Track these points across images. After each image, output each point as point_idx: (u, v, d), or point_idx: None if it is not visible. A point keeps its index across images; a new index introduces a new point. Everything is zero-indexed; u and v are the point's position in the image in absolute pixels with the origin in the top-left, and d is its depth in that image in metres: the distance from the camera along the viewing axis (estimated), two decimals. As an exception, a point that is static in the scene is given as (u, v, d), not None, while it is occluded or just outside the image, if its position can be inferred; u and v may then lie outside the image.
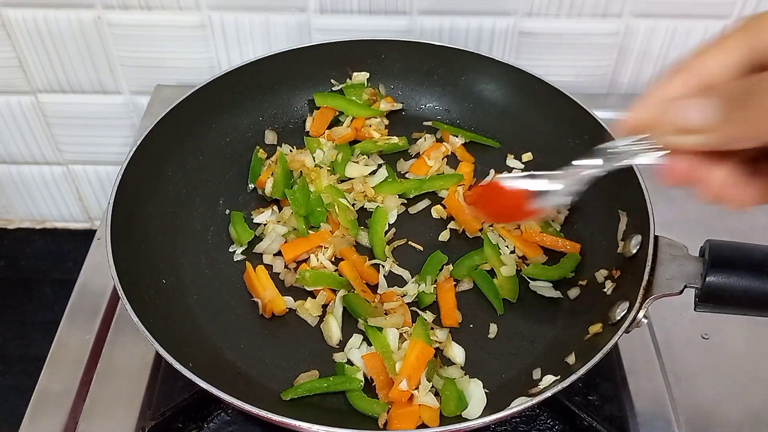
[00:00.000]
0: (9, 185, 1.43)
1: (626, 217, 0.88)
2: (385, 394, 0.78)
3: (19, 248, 1.48)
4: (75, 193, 1.45)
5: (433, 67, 1.09)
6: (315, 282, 0.88)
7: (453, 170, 1.03)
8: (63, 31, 1.18)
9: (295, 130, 1.08)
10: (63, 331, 0.91)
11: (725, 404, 0.86)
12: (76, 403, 0.84)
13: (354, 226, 0.94)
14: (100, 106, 1.29)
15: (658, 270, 0.76)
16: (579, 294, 0.88)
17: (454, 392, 0.77)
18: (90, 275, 0.98)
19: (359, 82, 1.09)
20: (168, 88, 1.23)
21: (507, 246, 0.93)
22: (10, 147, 1.36)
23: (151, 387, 0.86)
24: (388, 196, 0.98)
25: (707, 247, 0.73)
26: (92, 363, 0.88)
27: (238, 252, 0.93)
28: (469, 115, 1.09)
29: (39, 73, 1.24)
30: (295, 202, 0.95)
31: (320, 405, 0.78)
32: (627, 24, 1.17)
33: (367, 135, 1.06)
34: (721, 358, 0.90)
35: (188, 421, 0.83)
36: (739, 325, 0.92)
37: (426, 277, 0.89)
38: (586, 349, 0.76)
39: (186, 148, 0.99)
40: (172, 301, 0.85)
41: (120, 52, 1.21)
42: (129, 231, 0.86)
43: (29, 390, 0.85)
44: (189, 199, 0.97)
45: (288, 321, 0.87)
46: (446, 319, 0.86)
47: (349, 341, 0.84)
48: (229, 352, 0.83)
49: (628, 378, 0.87)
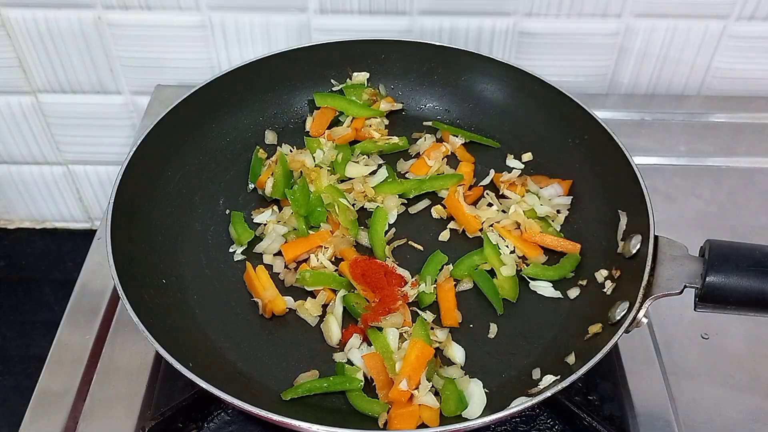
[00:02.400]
0: (9, 185, 1.43)
1: (626, 217, 0.88)
2: (385, 394, 0.78)
3: (19, 248, 1.48)
4: (75, 193, 1.45)
5: (433, 67, 1.09)
6: (315, 282, 0.88)
7: (453, 170, 1.03)
8: (63, 31, 1.18)
9: (295, 130, 1.08)
10: (63, 331, 0.91)
11: (725, 404, 0.86)
12: (76, 403, 0.84)
13: (354, 226, 0.94)
14: (100, 106, 1.29)
15: (658, 270, 0.76)
16: (579, 294, 0.88)
17: (454, 392, 0.77)
18: (90, 275, 0.98)
19: (359, 82, 1.09)
20: (168, 88, 1.23)
21: (507, 246, 0.93)
22: (10, 147, 1.36)
23: (151, 387, 0.86)
24: (388, 196, 0.98)
25: (707, 247, 0.73)
26: (92, 363, 0.88)
27: (238, 252, 0.93)
28: (469, 115, 1.09)
29: (39, 73, 1.24)
30: (295, 202, 0.95)
31: (320, 405, 0.78)
32: (627, 24, 1.17)
33: (367, 135, 1.06)
34: (721, 358, 0.90)
35: (188, 421, 0.83)
36: (739, 325, 0.92)
37: (426, 277, 0.89)
38: (586, 349, 0.76)
39: (186, 148, 0.99)
40: (172, 301, 0.85)
41: (120, 52, 1.21)
42: (129, 231, 0.86)
43: (29, 390, 0.85)
44: (189, 199, 0.97)
45: (288, 321, 0.87)
46: (446, 319, 0.86)
47: (349, 341, 0.84)
48: (229, 352, 0.83)
49: (628, 378, 0.87)
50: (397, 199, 0.99)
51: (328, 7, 1.15)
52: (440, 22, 1.17)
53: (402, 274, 0.90)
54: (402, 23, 1.17)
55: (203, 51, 1.21)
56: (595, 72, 1.24)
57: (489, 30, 1.17)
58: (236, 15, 1.16)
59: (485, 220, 0.96)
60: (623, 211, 0.89)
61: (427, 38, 1.16)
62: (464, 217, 0.96)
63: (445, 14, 1.16)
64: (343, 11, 1.16)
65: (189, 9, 1.15)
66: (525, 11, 1.15)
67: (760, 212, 1.07)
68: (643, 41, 1.19)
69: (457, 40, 1.18)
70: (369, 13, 1.16)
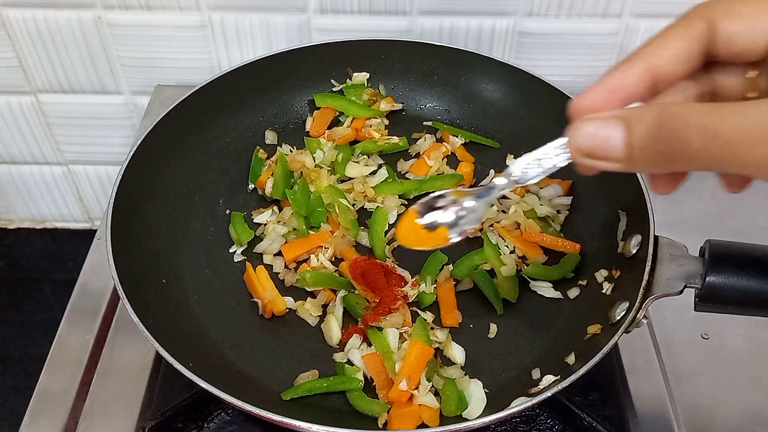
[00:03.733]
0: (9, 185, 1.43)
1: (626, 217, 0.88)
2: (385, 394, 0.78)
3: (19, 248, 1.48)
4: (75, 193, 1.45)
5: (433, 67, 1.09)
6: (315, 282, 0.88)
7: (453, 170, 1.03)
8: (63, 31, 1.18)
9: (295, 130, 1.08)
10: (63, 331, 0.91)
11: (725, 404, 0.86)
12: (76, 403, 0.84)
13: (354, 227, 0.94)
14: (100, 106, 1.29)
15: (658, 270, 0.76)
16: (579, 294, 0.88)
17: (454, 392, 0.77)
18: (90, 275, 0.98)
19: (359, 83, 1.09)
20: (168, 88, 1.23)
21: (507, 246, 0.93)
22: (10, 147, 1.36)
23: (151, 387, 0.86)
24: (388, 196, 0.98)
25: (707, 247, 0.73)
26: (92, 363, 0.88)
27: (238, 252, 0.93)
28: (469, 115, 1.09)
29: (39, 73, 1.24)
30: (296, 202, 0.95)
31: (320, 405, 0.78)
32: (627, 24, 1.16)
33: (367, 135, 1.06)
34: (721, 358, 0.90)
35: (188, 421, 0.83)
36: (739, 325, 0.92)
37: (426, 277, 0.89)
38: (586, 349, 0.76)
39: (186, 148, 0.99)
40: (172, 301, 0.85)
41: (120, 52, 1.21)
42: (129, 231, 0.86)
43: (29, 390, 0.85)
44: (189, 199, 0.97)
45: (288, 321, 0.87)
46: (446, 319, 0.86)
47: (349, 341, 0.84)
48: (229, 352, 0.83)
49: (628, 378, 0.87)
50: (397, 199, 0.99)
51: (328, 7, 1.15)
52: (440, 22, 1.17)
53: (402, 274, 0.90)
54: (402, 23, 1.17)
55: (203, 51, 1.21)
56: (595, 72, 1.23)
57: (489, 30, 1.17)
58: (236, 15, 1.16)
59: (485, 220, 0.96)
60: (623, 211, 0.89)
61: (427, 38, 1.16)
62: (464, 217, 0.96)
63: (445, 14, 1.16)
64: (343, 11, 1.16)
65: (189, 9, 1.15)
66: (525, 11, 1.15)
67: (760, 212, 1.07)
68: (643, 41, 1.18)
69: (457, 40, 1.18)
70: (369, 13, 1.16)
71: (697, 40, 0.55)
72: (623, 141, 0.52)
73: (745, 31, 0.54)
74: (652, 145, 0.50)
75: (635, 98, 0.57)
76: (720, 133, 0.47)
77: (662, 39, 0.57)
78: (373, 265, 0.88)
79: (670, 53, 0.56)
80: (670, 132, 0.49)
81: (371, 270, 0.87)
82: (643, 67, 0.56)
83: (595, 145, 0.53)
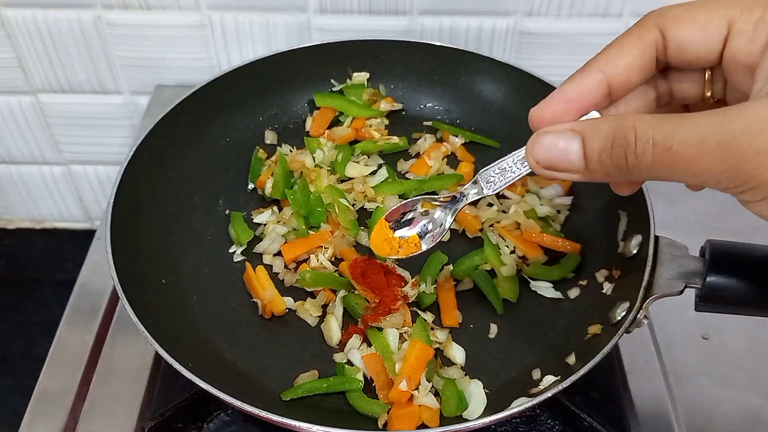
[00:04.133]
0: (9, 185, 1.43)
1: (626, 217, 0.88)
2: (385, 395, 0.78)
3: (19, 248, 1.48)
4: (75, 193, 1.45)
5: (433, 67, 1.09)
6: (315, 282, 0.88)
7: (453, 170, 1.03)
8: (63, 31, 1.18)
9: (295, 130, 1.08)
10: (63, 331, 0.91)
11: (725, 404, 0.86)
12: (76, 403, 0.84)
13: (354, 227, 0.94)
14: (100, 106, 1.29)
15: (658, 270, 0.75)
16: (579, 294, 0.88)
17: (454, 393, 0.77)
18: (90, 275, 0.98)
19: (359, 83, 1.09)
20: (168, 88, 1.23)
21: (507, 246, 0.93)
22: (10, 147, 1.36)
23: (151, 387, 0.86)
24: (388, 196, 0.98)
25: (707, 247, 0.73)
26: (92, 363, 0.88)
27: (238, 252, 0.93)
28: (469, 115, 1.09)
29: (39, 73, 1.24)
30: (295, 202, 0.95)
31: (320, 405, 0.78)
32: (627, 24, 1.16)
33: (367, 135, 1.06)
34: (721, 358, 0.90)
35: (188, 421, 0.83)
36: (739, 325, 0.92)
37: (426, 278, 0.89)
38: (587, 349, 0.76)
39: (186, 148, 0.99)
40: (172, 301, 0.85)
41: (120, 52, 1.21)
42: (129, 231, 0.86)
43: (29, 390, 0.85)
44: (189, 199, 0.97)
45: (288, 321, 0.87)
46: (446, 319, 0.86)
47: (349, 341, 0.84)
48: (229, 352, 0.83)
49: (628, 378, 0.87)
50: (397, 199, 0.99)
51: (328, 7, 1.15)
52: (440, 22, 1.17)
53: (402, 274, 0.90)
54: (402, 23, 1.17)
55: (203, 51, 1.21)
56: (595, 72, 1.24)
57: (489, 30, 1.17)
58: (236, 15, 1.16)
59: (485, 220, 0.96)
60: (623, 211, 0.89)
61: (427, 38, 1.16)
62: (464, 217, 0.96)
63: (445, 14, 1.16)
64: (343, 11, 1.16)
65: (189, 9, 1.15)
66: (525, 11, 1.15)
67: (760, 212, 1.07)
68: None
69: (457, 40, 1.18)
70: (369, 13, 1.16)
71: (651, 48, 0.56)
72: (580, 154, 0.53)
73: (697, 38, 0.54)
74: (607, 158, 0.51)
75: (592, 107, 0.58)
76: (671, 147, 0.48)
77: (616, 48, 0.57)
78: (373, 265, 0.88)
79: (624, 62, 0.57)
80: (623, 146, 0.50)
81: (371, 270, 0.87)
82: (598, 77, 0.57)
83: (553, 157, 0.55)
